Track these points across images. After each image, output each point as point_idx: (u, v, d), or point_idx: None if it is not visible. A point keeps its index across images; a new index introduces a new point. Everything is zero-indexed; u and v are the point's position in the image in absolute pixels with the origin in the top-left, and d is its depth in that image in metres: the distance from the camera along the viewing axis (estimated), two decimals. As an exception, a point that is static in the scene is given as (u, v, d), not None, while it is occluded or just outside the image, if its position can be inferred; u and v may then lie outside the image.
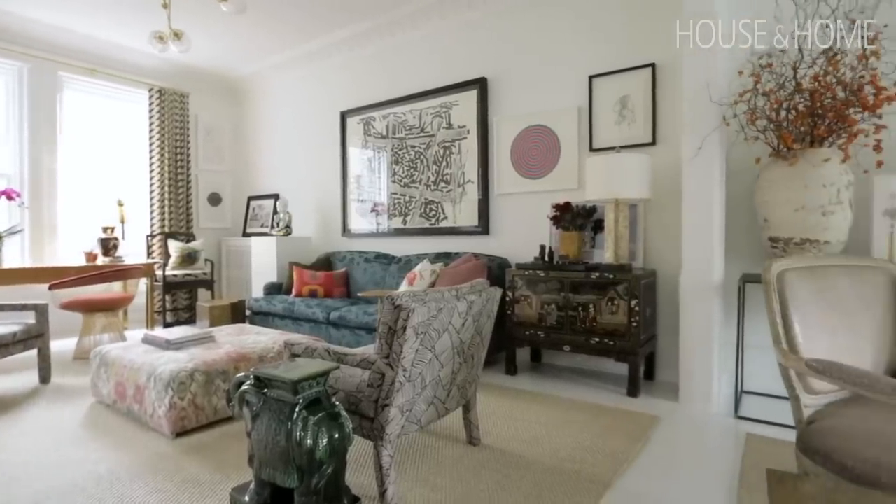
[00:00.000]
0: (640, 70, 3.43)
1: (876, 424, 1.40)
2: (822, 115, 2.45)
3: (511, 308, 3.42)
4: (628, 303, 2.95)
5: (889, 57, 2.39)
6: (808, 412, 1.58)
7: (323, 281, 4.60)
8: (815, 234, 2.46)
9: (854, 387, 1.36)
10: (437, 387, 1.96)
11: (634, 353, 2.94)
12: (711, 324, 2.74)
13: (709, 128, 2.72)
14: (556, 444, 2.33)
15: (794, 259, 1.81)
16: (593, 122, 3.62)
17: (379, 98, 4.91)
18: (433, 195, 4.53)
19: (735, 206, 2.97)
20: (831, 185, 2.42)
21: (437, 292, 1.92)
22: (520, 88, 4.00)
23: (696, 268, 2.79)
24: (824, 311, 1.72)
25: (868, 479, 1.28)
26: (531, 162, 3.94)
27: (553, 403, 2.88)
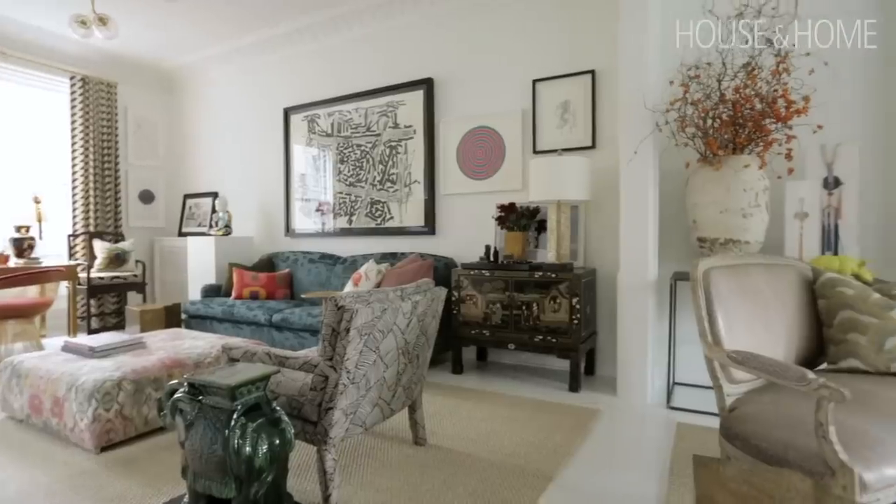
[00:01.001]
0: (580, 76, 3.56)
1: (786, 409, 1.52)
2: (743, 124, 2.64)
3: (457, 307, 3.45)
4: (570, 301, 3.05)
5: (797, 74, 2.60)
6: (730, 400, 1.69)
7: (265, 282, 4.45)
8: (737, 234, 2.64)
9: (768, 375, 1.47)
10: (382, 388, 1.95)
11: (575, 350, 3.05)
12: (646, 320, 2.89)
13: (643, 133, 2.86)
14: (502, 440, 2.37)
15: (718, 258, 1.93)
16: (537, 125, 3.72)
17: (324, 95, 4.81)
18: (379, 195, 4.50)
19: (667, 207, 3.14)
20: (750, 190, 2.61)
21: (381, 293, 1.91)
22: (466, 90, 4.04)
23: (632, 266, 2.92)
24: (744, 306, 1.86)
25: (779, 459, 1.39)
26: (477, 163, 3.99)
27: (498, 401, 2.93)
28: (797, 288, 2.08)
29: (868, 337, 1.86)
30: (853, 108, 2.78)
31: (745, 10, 2.73)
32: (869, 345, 1.85)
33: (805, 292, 2.09)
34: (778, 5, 2.69)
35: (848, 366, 1.89)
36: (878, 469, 1.29)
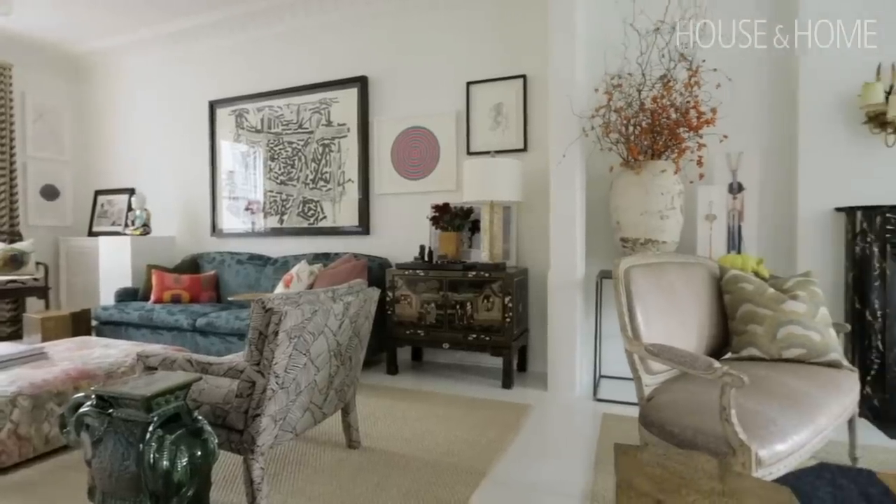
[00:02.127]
0: (513, 80, 3.65)
1: (696, 396, 1.65)
2: (660, 132, 2.82)
3: (391, 308, 3.43)
4: (503, 300, 3.12)
5: (707, 87, 2.83)
6: (648, 390, 1.80)
7: (188, 285, 4.20)
8: (656, 235, 2.83)
9: (680, 365, 1.59)
10: (314, 392, 1.90)
11: (508, 347, 3.12)
12: (574, 317, 3.01)
13: (571, 138, 2.99)
14: (436, 439, 2.38)
15: (637, 257, 2.06)
16: (471, 126, 3.78)
17: (253, 89, 4.61)
18: (312, 194, 4.38)
19: (594, 209, 3.30)
20: (667, 193, 2.80)
21: (312, 294, 1.86)
22: (401, 90, 4.03)
23: (561, 266, 3.04)
24: (661, 302, 1.99)
25: (690, 442, 1.50)
26: (412, 163, 3.99)
27: (433, 400, 2.94)
28: (707, 284, 2.25)
29: (764, 327, 2.05)
30: (752, 120, 3.05)
31: (662, 25, 2.92)
32: (765, 334, 2.05)
33: (713, 288, 2.27)
34: (690, 24, 2.91)
35: (748, 354, 2.08)
36: (770, 446, 1.43)
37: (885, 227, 2.58)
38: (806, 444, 1.56)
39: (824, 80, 2.77)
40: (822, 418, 1.63)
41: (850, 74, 2.71)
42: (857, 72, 2.70)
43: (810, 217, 2.81)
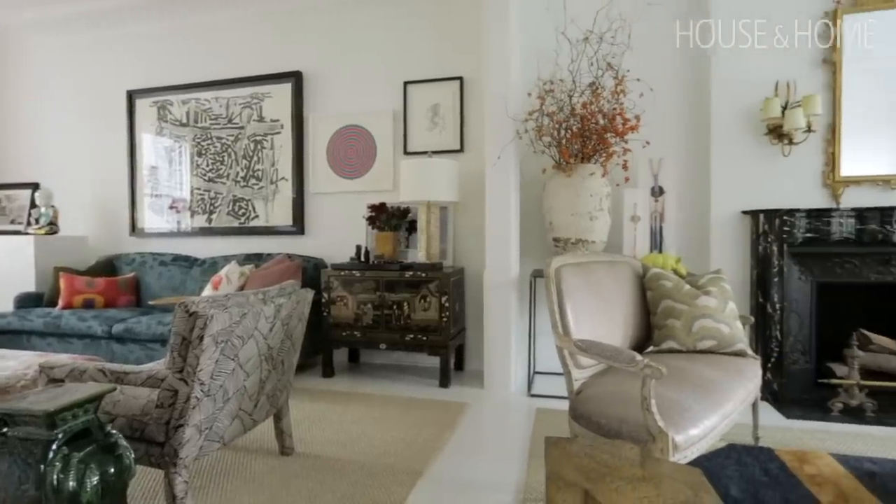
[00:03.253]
0: (450, 81, 3.68)
1: (621, 388, 1.74)
2: (589, 136, 2.95)
3: (327, 309, 3.36)
4: (439, 300, 3.14)
5: (631, 96, 3.00)
6: (577, 384, 1.88)
7: (103, 288, 3.88)
8: (586, 235, 2.95)
9: (606, 359, 1.67)
10: (243, 398, 1.82)
11: (445, 347, 3.15)
12: (509, 315, 3.09)
13: (505, 140, 3.06)
14: (372, 441, 2.36)
15: (567, 256, 2.14)
16: (408, 126, 3.77)
17: (177, 80, 4.34)
18: (243, 192, 4.19)
19: (528, 210, 3.39)
20: (596, 195, 2.93)
21: (241, 296, 1.78)
22: (337, 87, 3.95)
23: (496, 265, 3.11)
24: (590, 300, 2.08)
25: (615, 432, 1.58)
26: (348, 162, 3.92)
27: (370, 402, 2.91)
28: (631, 282, 2.38)
29: (681, 322, 2.20)
30: (672, 128, 3.27)
31: (591, 35, 3.06)
32: (682, 328, 2.20)
33: (637, 286, 2.40)
34: (616, 35, 3.07)
35: (667, 347, 2.22)
36: (685, 431, 1.53)
37: (782, 229, 2.85)
38: (716, 428, 1.69)
39: (733, 95, 3.02)
40: (729, 403, 1.78)
41: (754, 90, 2.97)
42: (760, 88, 2.96)
43: (721, 219, 3.05)
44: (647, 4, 3.19)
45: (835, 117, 2.87)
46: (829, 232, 2.81)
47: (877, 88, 2.85)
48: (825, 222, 2.81)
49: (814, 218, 2.82)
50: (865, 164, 2.87)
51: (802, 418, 2.62)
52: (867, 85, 2.85)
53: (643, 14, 3.18)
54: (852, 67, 2.86)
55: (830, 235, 2.81)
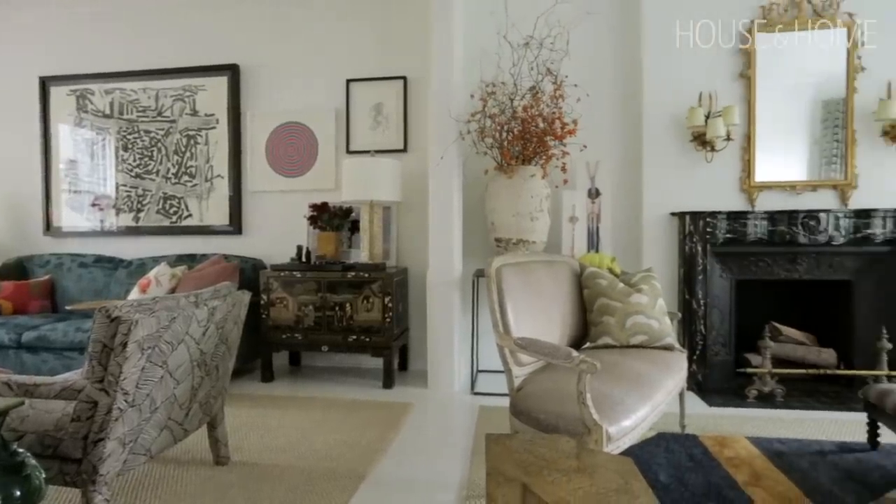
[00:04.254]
0: (393, 80, 3.66)
1: (559, 384, 1.80)
2: (530, 139, 3.03)
3: (266, 311, 3.24)
4: (383, 300, 3.12)
5: (570, 100, 3.10)
6: (517, 381, 1.93)
7: (11, 293, 3.55)
8: (527, 235, 3.03)
9: (544, 356, 1.72)
10: (173, 407, 1.72)
11: (388, 347, 3.13)
12: (452, 314, 3.11)
13: (449, 140, 3.08)
14: (313, 445, 2.30)
15: (508, 256, 2.19)
16: (350, 125, 3.71)
17: (99, 68, 4.04)
18: (174, 189, 3.97)
19: (470, 210, 3.44)
20: (536, 196, 3.02)
21: (170, 299, 1.68)
22: (277, 82, 3.82)
23: (440, 265, 3.12)
24: (529, 299, 2.13)
25: (553, 426, 1.63)
26: (288, 160, 3.81)
27: (311, 405, 2.84)
28: (569, 281, 2.47)
29: (616, 318, 2.31)
30: (608, 133, 3.41)
31: (531, 41, 3.14)
32: (616, 324, 2.30)
33: (575, 284, 2.49)
34: (555, 41, 3.17)
35: (603, 342, 2.32)
36: (618, 423, 1.61)
37: (706, 230, 3.05)
38: (646, 419, 1.79)
39: (662, 103, 3.20)
40: (658, 395, 1.88)
41: (681, 99, 3.16)
42: (686, 98, 3.16)
43: (652, 220, 3.23)
44: (585, 13, 3.31)
45: (750, 127, 3.11)
46: (746, 233, 3.04)
47: (784, 102, 3.12)
48: (742, 224, 3.04)
49: (733, 220, 3.05)
50: (776, 171, 3.12)
51: (723, 405, 2.81)
52: (776, 99, 3.11)
53: (581, 22, 3.30)
54: (764, 82, 3.11)
55: (747, 236, 3.04)
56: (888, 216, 2.94)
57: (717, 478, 1.95)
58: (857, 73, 3.03)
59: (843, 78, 3.04)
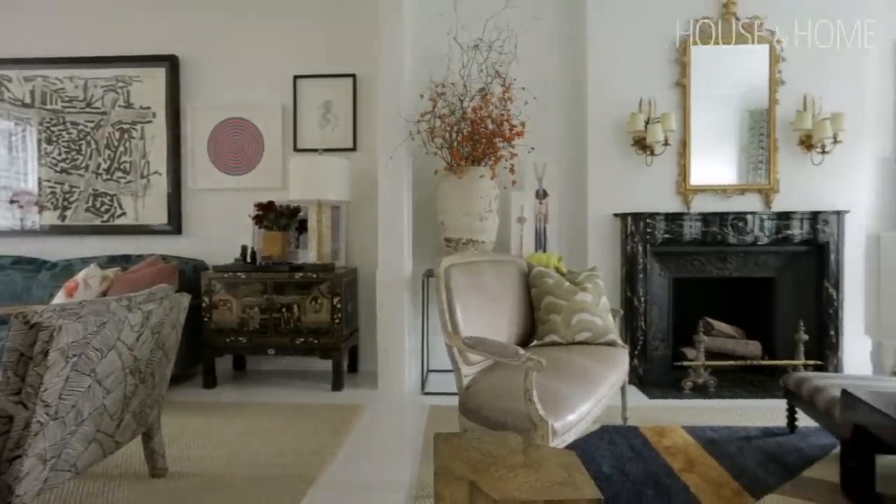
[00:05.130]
0: (342, 78, 3.60)
1: (507, 382, 1.83)
2: (479, 140, 3.06)
3: (208, 314, 3.11)
4: (331, 301, 3.06)
5: (518, 103, 3.16)
6: (466, 380, 1.94)
7: (-85, 298, 3.22)
8: (476, 235, 3.06)
9: (492, 355, 1.74)
10: (102, 418, 1.62)
11: (338, 349, 3.08)
12: (403, 314, 3.10)
13: (398, 140, 3.07)
14: (259, 452, 2.23)
15: (457, 256, 2.20)
16: (298, 122, 3.62)
17: (15, 52, 3.73)
18: (107, 186, 3.73)
19: (420, 210, 3.43)
20: (486, 197, 3.05)
21: (99, 303, 1.58)
22: (220, 76, 3.67)
23: (389, 265, 3.10)
24: (478, 298, 2.16)
25: (501, 424, 1.66)
26: (232, 157, 3.67)
27: (257, 411, 2.75)
28: (517, 280, 2.52)
29: (562, 316, 2.38)
30: (555, 135, 3.51)
31: (481, 43, 3.18)
32: (562, 322, 2.37)
33: (523, 283, 2.55)
34: (504, 45, 3.22)
35: (550, 340, 2.38)
36: (563, 418, 1.66)
37: (646, 230, 3.20)
38: (590, 412, 1.85)
39: (605, 108, 3.32)
40: (602, 389, 1.96)
41: (623, 105, 3.29)
42: (627, 103, 3.29)
43: (596, 220, 3.35)
44: (532, 19, 3.39)
45: (686, 133, 3.29)
46: (682, 234, 3.21)
47: (716, 111, 3.32)
48: (679, 225, 3.21)
49: (670, 221, 3.21)
50: (709, 175, 3.32)
51: (662, 397, 2.96)
52: (709, 107, 3.31)
53: (528, 27, 3.37)
54: (698, 91, 3.29)
55: (683, 237, 3.21)
56: (805, 218, 3.19)
57: (656, 466, 2.05)
58: (778, 86, 3.26)
59: (766, 90, 3.28)
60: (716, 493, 1.85)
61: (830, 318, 3.19)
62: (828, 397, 1.99)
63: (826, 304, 3.20)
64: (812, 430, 2.40)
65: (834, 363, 3.18)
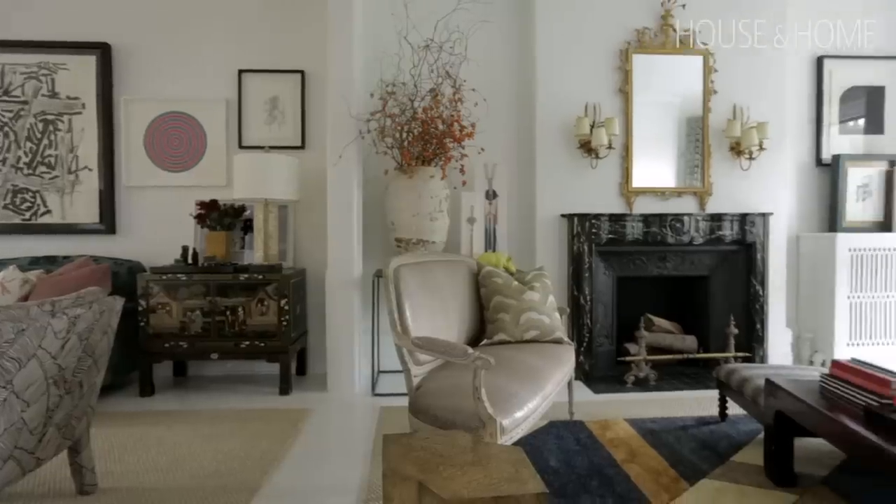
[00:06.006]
0: (290, 74, 3.51)
1: (456, 381, 1.84)
2: (430, 140, 3.07)
3: (145, 319, 2.95)
4: (278, 302, 2.98)
5: (468, 104, 3.20)
6: (416, 380, 1.94)
7: None
8: (427, 235, 3.07)
9: (442, 355, 1.75)
10: (20, 434, 1.50)
11: (285, 352, 3.00)
12: (353, 315, 3.06)
13: (348, 139, 3.02)
14: (201, 462, 2.14)
15: (406, 256, 2.20)
16: (243, 118, 3.50)
17: (-77, 35, 3.40)
18: (28, 181, 3.45)
19: (370, 210, 3.40)
20: (436, 197, 3.06)
21: (18, 308, 1.46)
22: (158, 67, 3.48)
23: (339, 265, 3.05)
24: (428, 298, 2.16)
25: (450, 422, 1.67)
26: (172, 153, 3.49)
27: (199, 418, 2.63)
28: (467, 280, 2.54)
29: (510, 315, 2.42)
30: (504, 137, 3.57)
31: (431, 44, 3.18)
32: (511, 321, 2.42)
33: (472, 283, 2.57)
34: (454, 46, 3.24)
35: (499, 339, 2.42)
36: (511, 415, 1.69)
37: (591, 231, 3.31)
38: (538, 409, 1.89)
39: (553, 111, 3.40)
40: (549, 386, 2.01)
41: (570, 109, 3.39)
42: (574, 107, 3.39)
43: (545, 221, 3.43)
44: (481, 21, 3.43)
45: (628, 138, 3.43)
46: (625, 234, 3.34)
47: (656, 117, 3.48)
48: (622, 225, 3.34)
49: (614, 222, 3.34)
50: (650, 178, 3.47)
51: (606, 392, 3.07)
52: (650, 113, 3.46)
53: (478, 29, 3.41)
54: (639, 98, 3.44)
55: (626, 237, 3.35)
56: (734, 220, 3.40)
57: (600, 458, 2.13)
58: (711, 96, 3.47)
59: (701, 99, 3.47)
60: (655, 481, 1.94)
61: (757, 313, 3.42)
62: (754, 386, 2.13)
63: (753, 300, 3.43)
64: (741, 417, 2.57)
65: (760, 354, 3.42)
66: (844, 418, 1.59)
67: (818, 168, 3.78)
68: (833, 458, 2.12)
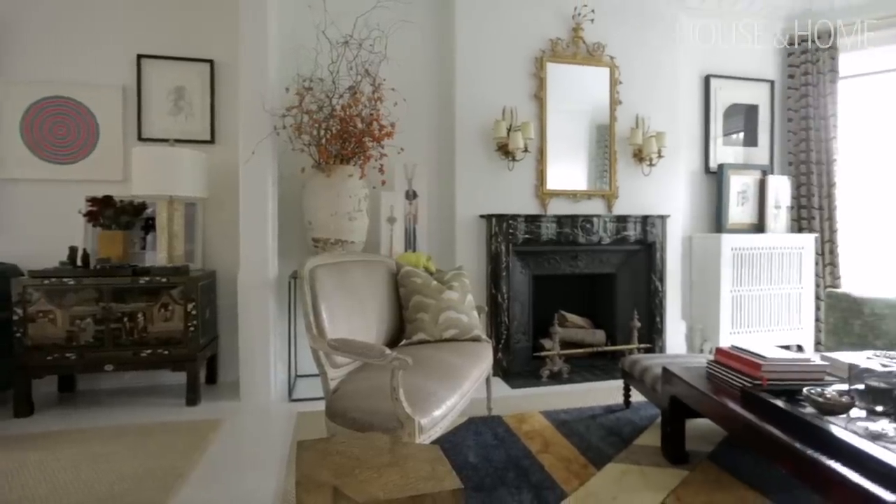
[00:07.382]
0: (197, 63, 3.29)
1: (374, 382, 1.83)
2: (348, 139, 3.01)
3: (22, 329, 2.62)
4: (185, 307, 2.78)
5: (388, 104, 3.17)
6: (333, 383, 1.90)
7: None
8: (345, 235, 3.00)
9: (359, 356, 1.73)
10: None
11: (193, 360, 2.80)
12: (268, 318, 2.92)
13: (262, 134, 2.89)
14: (90, 486, 1.94)
15: (323, 256, 2.14)
16: (143, 107, 3.22)
17: None
18: None
19: (286, 209, 3.27)
20: (355, 196, 3.01)
21: None
22: (38, 45, 3.11)
23: (253, 266, 2.91)
24: (345, 299, 2.12)
25: (368, 425, 1.65)
26: (57, 143, 3.14)
27: (89, 438, 2.39)
28: (386, 280, 2.53)
29: (430, 314, 2.44)
30: (424, 138, 3.59)
31: (351, 40, 3.12)
32: (430, 320, 2.43)
33: (391, 283, 2.56)
34: (374, 44, 3.20)
35: (418, 338, 2.43)
36: (430, 414, 1.70)
37: (509, 231, 3.42)
38: (457, 406, 1.92)
39: (472, 114, 3.48)
40: (467, 383, 2.04)
41: (488, 112, 3.48)
42: (492, 111, 3.49)
43: (464, 221, 3.49)
44: (402, 21, 3.42)
45: (543, 142, 3.58)
46: (540, 234, 3.49)
47: (568, 123, 3.67)
48: (537, 226, 3.49)
49: (530, 222, 3.47)
50: (563, 181, 3.66)
51: (523, 386, 3.19)
52: (563, 120, 3.64)
53: (399, 29, 3.40)
54: (552, 105, 3.61)
55: (541, 237, 3.49)
56: (637, 221, 3.68)
57: (517, 451, 2.21)
58: (617, 105, 3.72)
59: (608, 108, 3.71)
60: (566, 468, 2.05)
61: (657, 307, 3.72)
62: (653, 375, 2.32)
63: (653, 295, 3.72)
64: (643, 404, 2.78)
65: (660, 345, 3.72)
66: (725, 399, 1.78)
67: (706, 175, 4.18)
68: (717, 435, 2.36)
